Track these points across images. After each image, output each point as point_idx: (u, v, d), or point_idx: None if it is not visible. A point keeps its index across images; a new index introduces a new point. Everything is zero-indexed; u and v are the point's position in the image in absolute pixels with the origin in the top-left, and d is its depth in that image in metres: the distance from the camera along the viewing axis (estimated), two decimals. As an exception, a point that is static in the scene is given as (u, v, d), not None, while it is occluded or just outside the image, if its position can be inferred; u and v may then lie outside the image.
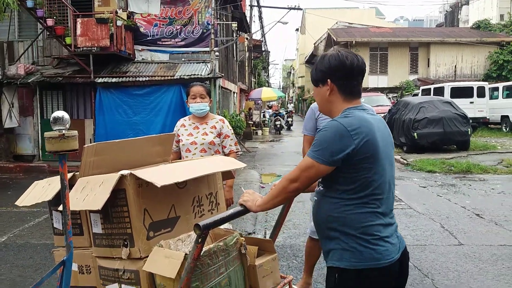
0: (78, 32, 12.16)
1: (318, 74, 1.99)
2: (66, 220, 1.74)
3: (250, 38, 25.67)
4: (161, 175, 2.12)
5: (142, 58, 14.12)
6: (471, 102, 18.72)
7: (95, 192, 2.11)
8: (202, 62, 13.82)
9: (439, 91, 19.16)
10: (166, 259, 1.95)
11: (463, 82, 21.51)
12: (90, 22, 12.18)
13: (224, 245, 2.11)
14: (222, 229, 2.43)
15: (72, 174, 2.33)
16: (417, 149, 13.24)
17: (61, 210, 2.29)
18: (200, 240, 1.82)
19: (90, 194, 2.13)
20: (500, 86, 20.34)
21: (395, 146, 2.10)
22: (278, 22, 19.79)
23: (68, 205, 1.76)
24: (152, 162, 2.63)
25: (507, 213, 6.51)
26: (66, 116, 1.85)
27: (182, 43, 14.13)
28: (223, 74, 15.64)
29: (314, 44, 39.65)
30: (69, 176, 2.20)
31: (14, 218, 6.69)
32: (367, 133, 1.80)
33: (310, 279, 3.79)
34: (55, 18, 12.54)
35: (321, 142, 1.82)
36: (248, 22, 24.43)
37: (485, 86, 19.47)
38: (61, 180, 1.80)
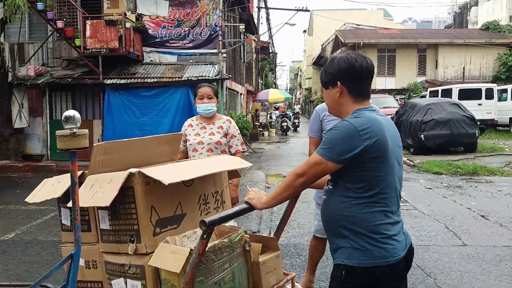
0: (87, 34, 12.30)
1: (327, 76, 2.03)
2: (75, 215, 1.80)
3: (257, 39, 25.72)
4: (168, 174, 2.18)
5: (151, 60, 14.23)
6: (479, 104, 18.59)
7: (104, 189, 2.18)
8: (209, 64, 13.91)
9: (447, 93, 19.08)
10: (172, 255, 2.01)
11: (471, 84, 21.39)
12: (99, 24, 12.32)
13: (228, 241, 2.16)
14: (227, 226, 2.48)
15: (81, 172, 2.39)
16: (424, 150, 13.21)
17: (69, 207, 2.36)
18: (205, 236, 1.87)
19: (99, 191, 2.20)
20: (509, 88, 20.20)
21: (402, 147, 2.15)
22: (285, 23, 19.86)
23: (77, 201, 1.82)
24: (159, 161, 2.68)
25: (513, 214, 6.50)
26: (77, 115, 1.91)
27: (190, 45, 14.22)
28: (231, 76, 15.71)
29: (322, 45, 39.64)
30: (78, 174, 2.26)
31: (22, 215, 6.80)
32: (377, 133, 1.84)
33: (313, 277, 3.84)
34: (65, 20, 12.70)
35: (331, 140, 1.86)
36: (255, 24, 24.51)
37: (493, 88, 19.36)
38: (71, 176, 1.86)
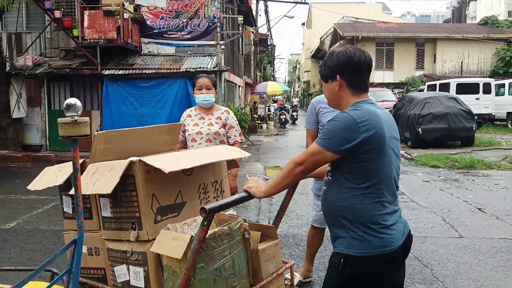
0: (85, 24, 12.25)
1: (327, 70, 2.06)
2: (78, 201, 1.81)
3: (256, 32, 25.65)
4: (168, 162, 2.20)
5: (149, 51, 14.20)
6: (477, 99, 18.65)
7: (105, 177, 2.20)
8: (208, 55, 13.89)
9: (445, 87, 19.11)
10: (173, 241, 2.04)
11: (469, 78, 21.43)
12: (97, 15, 12.27)
13: (228, 229, 2.19)
14: (227, 215, 2.51)
15: (82, 160, 2.40)
16: (421, 144, 13.26)
17: (71, 194, 2.38)
18: (205, 223, 1.91)
19: (100, 179, 2.22)
20: (506, 82, 20.26)
21: (400, 140, 2.18)
22: (284, 16, 19.82)
23: (79, 187, 1.84)
24: (159, 151, 2.70)
25: (509, 207, 6.56)
26: (78, 103, 1.92)
27: (188, 36, 14.20)
28: (229, 68, 15.70)
29: (320, 38, 39.59)
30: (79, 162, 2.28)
31: (23, 205, 6.82)
32: (375, 126, 1.88)
33: (311, 266, 3.88)
34: (63, 10, 12.65)
35: (330, 131, 1.90)
36: (254, 16, 24.43)
37: (491, 83, 19.39)
38: (73, 163, 1.87)
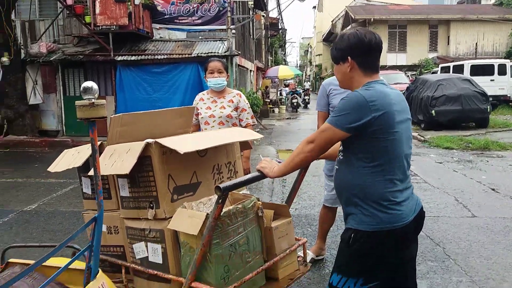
0: (97, 10, 12.31)
1: (338, 52, 2.10)
2: (97, 180, 1.89)
3: (266, 16, 25.51)
4: (183, 144, 2.27)
5: (160, 37, 14.24)
6: (492, 80, 18.37)
7: (123, 158, 2.28)
8: (219, 40, 13.89)
9: (459, 69, 18.83)
10: (189, 219, 2.12)
11: (484, 60, 21.09)
12: (109, 1, 12.30)
13: (242, 207, 2.26)
14: (241, 194, 2.58)
15: (100, 143, 2.48)
16: (434, 126, 13.17)
17: (90, 175, 2.46)
18: (220, 201, 1.98)
19: (118, 160, 2.30)
20: (522, 63, 19.89)
21: (413, 123, 2.19)
22: (295, -1, 19.64)
23: (98, 167, 1.91)
24: (174, 133, 2.77)
25: (524, 188, 6.52)
26: (95, 86, 1.98)
27: (199, 21, 14.19)
28: (240, 52, 15.67)
29: (332, 22, 39.21)
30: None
31: (43, 188, 7.00)
32: (385, 106, 1.92)
33: (323, 245, 3.95)
34: (74, -4, 12.71)
35: (340, 109, 1.95)
36: (265, -1, 24.27)
37: (506, 64, 19.06)
38: (91, 144, 1.94)
